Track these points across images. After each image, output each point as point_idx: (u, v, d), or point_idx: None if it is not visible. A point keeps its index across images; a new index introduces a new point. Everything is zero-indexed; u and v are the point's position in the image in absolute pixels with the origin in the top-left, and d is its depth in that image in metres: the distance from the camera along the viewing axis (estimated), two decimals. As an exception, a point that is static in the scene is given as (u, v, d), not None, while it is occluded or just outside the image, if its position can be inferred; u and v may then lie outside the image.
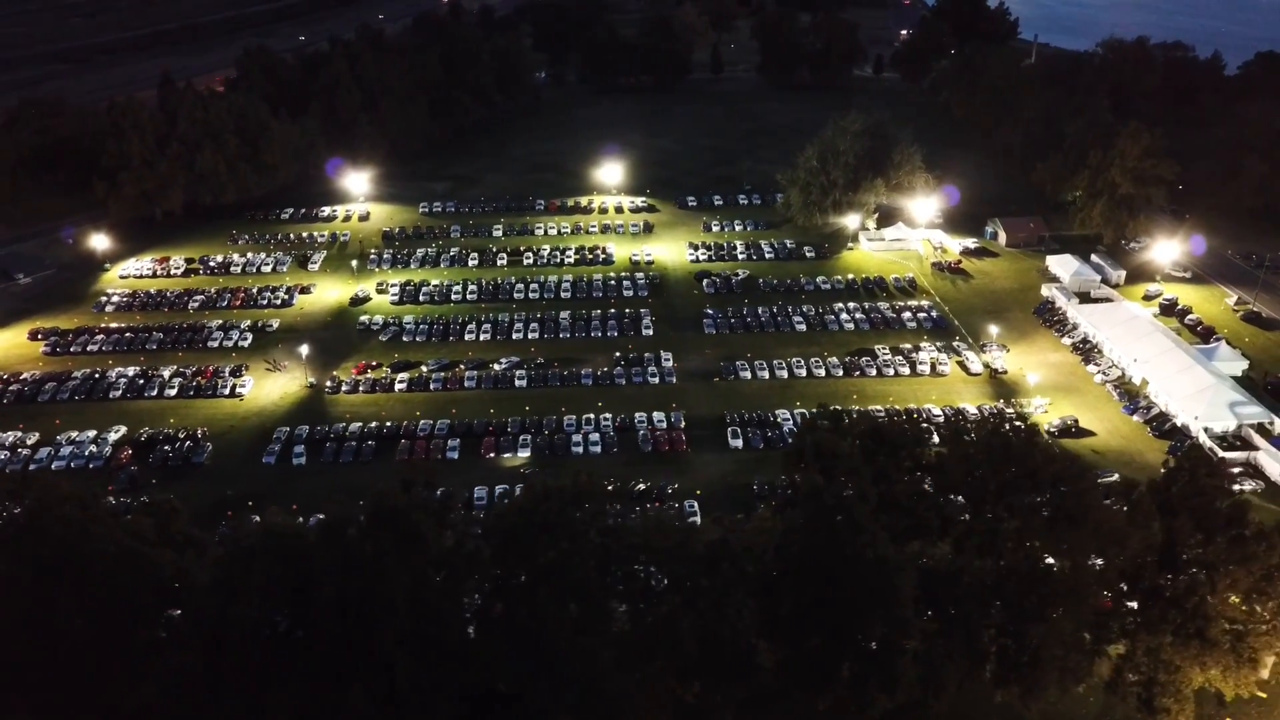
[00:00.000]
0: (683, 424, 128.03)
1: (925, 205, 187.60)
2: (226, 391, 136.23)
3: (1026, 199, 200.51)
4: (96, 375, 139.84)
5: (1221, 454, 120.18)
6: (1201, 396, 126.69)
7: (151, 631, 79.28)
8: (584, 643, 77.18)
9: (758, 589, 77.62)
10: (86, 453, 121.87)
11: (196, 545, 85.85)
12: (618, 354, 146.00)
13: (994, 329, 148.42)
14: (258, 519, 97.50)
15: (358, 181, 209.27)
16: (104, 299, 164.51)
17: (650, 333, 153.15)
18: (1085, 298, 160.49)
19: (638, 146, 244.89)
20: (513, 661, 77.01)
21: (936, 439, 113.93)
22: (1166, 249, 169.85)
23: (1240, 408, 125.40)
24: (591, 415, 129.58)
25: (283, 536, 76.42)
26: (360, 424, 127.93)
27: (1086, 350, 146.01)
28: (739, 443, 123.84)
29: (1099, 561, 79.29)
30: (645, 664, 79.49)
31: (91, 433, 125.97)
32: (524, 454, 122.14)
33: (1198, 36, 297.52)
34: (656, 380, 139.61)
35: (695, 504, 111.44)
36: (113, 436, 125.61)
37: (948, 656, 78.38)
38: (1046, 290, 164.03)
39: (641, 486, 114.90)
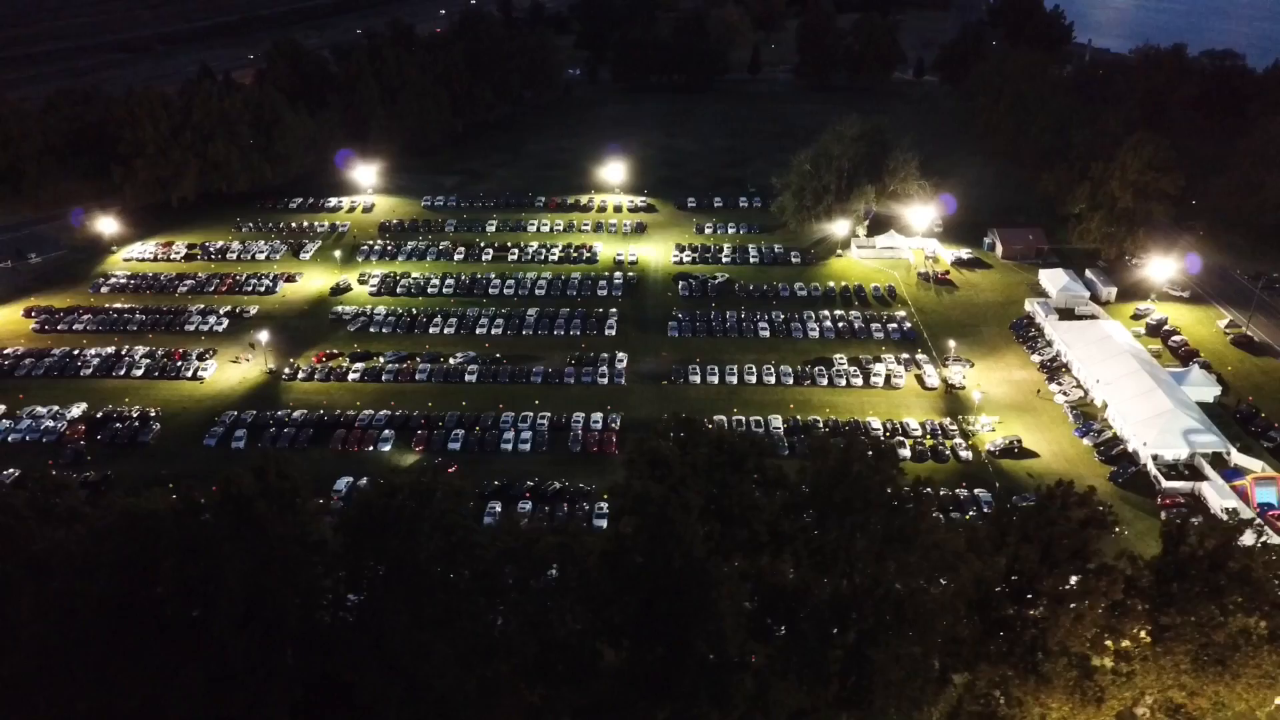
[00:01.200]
0: (617, 425, 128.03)
1: (922, 213, 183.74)
2: (189, 374, 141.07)
3: (1038, 210, 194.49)
4: (74, 353, 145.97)
5: (1165, 483, 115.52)
6: (1155, 422, 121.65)
7: (19, 604, 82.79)
8: (419, 637, 78.32)
9: (591, 595, 77.66)
10: (44, 427, 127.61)
11: (84, 520, 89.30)
12: (576, 353, 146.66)
13: (952, 343, 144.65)
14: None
15: (366, 173, 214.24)
16: (101, 280, 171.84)
17: (613, 333, 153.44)
18: (1068, 314, 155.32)
19: (654, 146, 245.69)
20: (348, 651, 78.62)
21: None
22: (1163, 266, 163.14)
23: (1195, 436, 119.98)
24: (529, 413, 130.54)
25: (136, 516, 79.16)
26: (304, 411, 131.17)
27: (1054, 369, 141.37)
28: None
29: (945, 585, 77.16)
30: (485, 664, 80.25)
31: (54, 408, 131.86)
32: (451, 448, 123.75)
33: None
34: (605, 381, 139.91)
35: (605, 505, 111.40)
36: (74, 412, 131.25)
37: (782, 675, 77.22)
38: (1029, 305, 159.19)
39: (557, 486, 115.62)
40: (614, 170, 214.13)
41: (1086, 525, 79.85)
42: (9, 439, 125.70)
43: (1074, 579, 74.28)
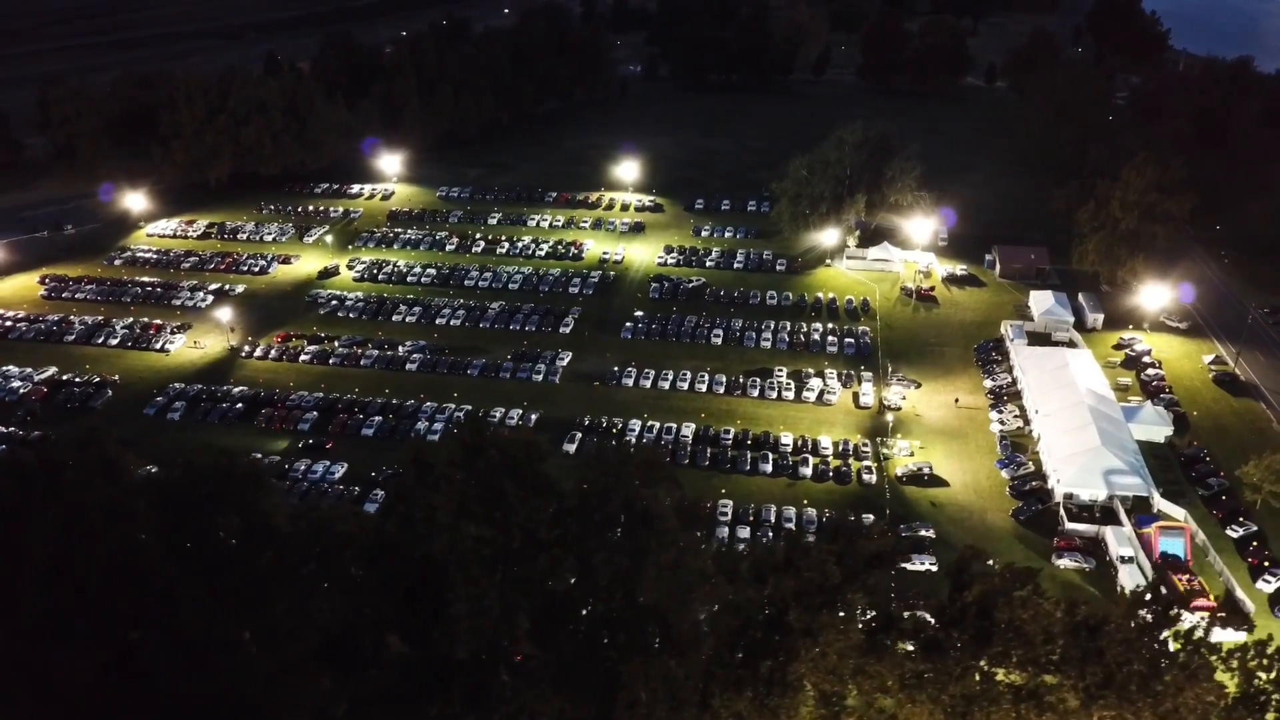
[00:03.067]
0: (531, 423, 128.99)
1: (922, 226, 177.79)
2: (158, 346, 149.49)
3: (1057, 228, 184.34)
4: (65, 319, 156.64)
5: (1067, 524, 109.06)
6: (1076, 459, 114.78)
7: None
8: (211, 614, 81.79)
9: (356, 587, 79.63)
10: (10, 387, 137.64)
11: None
12: (523, 348, 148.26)
13: (890, 365, 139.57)
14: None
15: (391, 162, 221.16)
16: (117, 253, 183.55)
17: (568, 331, 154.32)
18: (1044, 340, 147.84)
19: (688, 145, 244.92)
20: (144, 622, 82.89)
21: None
22: (1157, 295, 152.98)
23: (1117, 477, 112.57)
24: (450, 404, 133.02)
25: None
26: (242, 388, 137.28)
27: (1000, 395, 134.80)
28: (572, 447, 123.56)
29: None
30: (275, 645, 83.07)
31: (28, 369, 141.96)
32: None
33: None
34: (539, 378, 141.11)
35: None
36: (42, 375, 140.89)
37: (536, 684, 77.25)
38: (1004, 327, 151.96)
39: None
40: (627, 168, 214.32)
41: (873, 562, 77.31)
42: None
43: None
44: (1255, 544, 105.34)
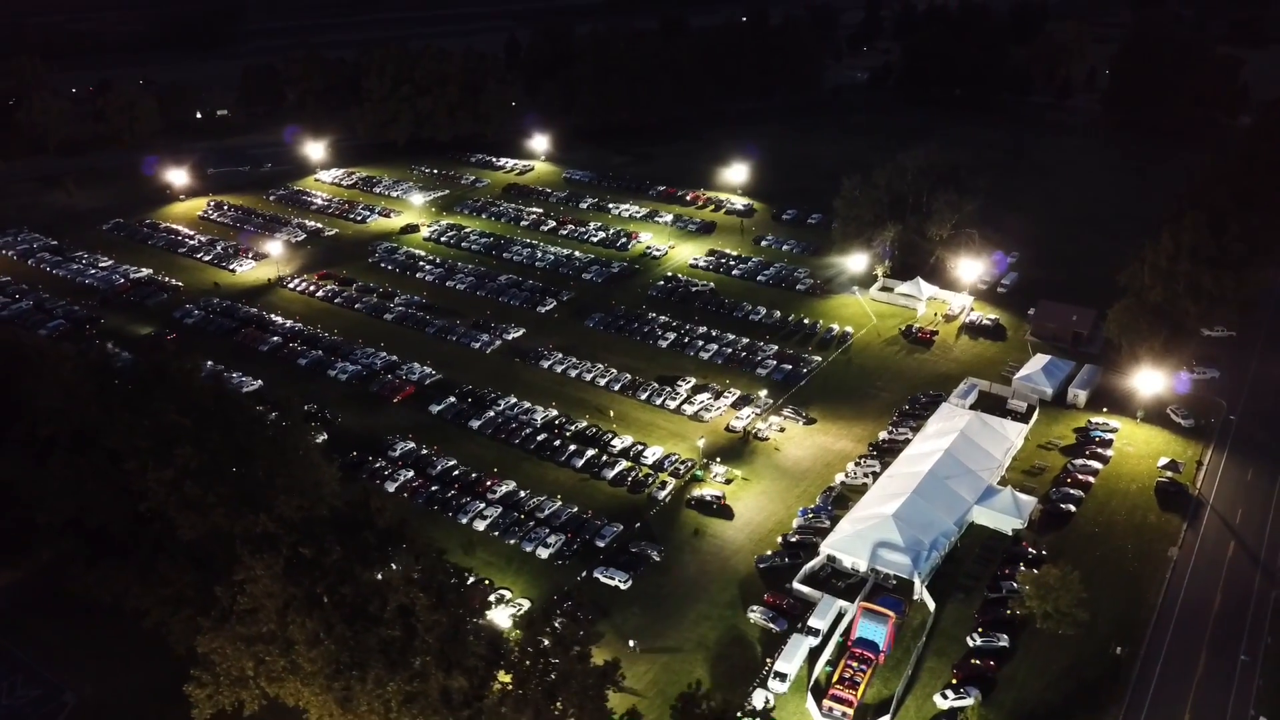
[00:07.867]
0: (429, 380, 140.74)
1: (972, 266, 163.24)
2: (230, 267, 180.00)
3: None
4: (188, 235, 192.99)
5: (795, 584, 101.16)
6: (859, 524, 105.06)
7: None
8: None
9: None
10: (112, 278, 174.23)
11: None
12: (485, 318, 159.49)
13: (763, 394, 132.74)
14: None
15: (541, 141, 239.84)
16: (274, 191, 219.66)
17: (543, 311, 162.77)
18: (998, 405, 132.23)
19: (844, 157, 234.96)
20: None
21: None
22: (1151, 381, 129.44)
23: (886, 552, 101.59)
24: (382, 353, 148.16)
25: None
26: (250, 310, 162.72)
27: (883, 448, 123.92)
28: (439, 407, 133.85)
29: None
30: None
31: (132, 268, 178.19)
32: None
33: None
34: (477, 346, 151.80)
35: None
36: (142, 274, 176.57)
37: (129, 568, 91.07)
38: (963, 383, 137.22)
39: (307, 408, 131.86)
40: (736, 170, 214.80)
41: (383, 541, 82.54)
42: (87, 280, 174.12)
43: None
44: (976, 659, 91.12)
